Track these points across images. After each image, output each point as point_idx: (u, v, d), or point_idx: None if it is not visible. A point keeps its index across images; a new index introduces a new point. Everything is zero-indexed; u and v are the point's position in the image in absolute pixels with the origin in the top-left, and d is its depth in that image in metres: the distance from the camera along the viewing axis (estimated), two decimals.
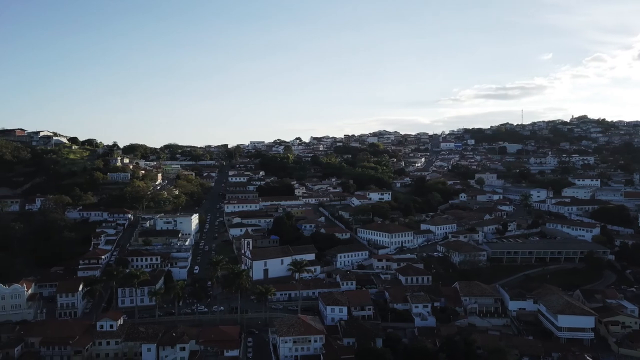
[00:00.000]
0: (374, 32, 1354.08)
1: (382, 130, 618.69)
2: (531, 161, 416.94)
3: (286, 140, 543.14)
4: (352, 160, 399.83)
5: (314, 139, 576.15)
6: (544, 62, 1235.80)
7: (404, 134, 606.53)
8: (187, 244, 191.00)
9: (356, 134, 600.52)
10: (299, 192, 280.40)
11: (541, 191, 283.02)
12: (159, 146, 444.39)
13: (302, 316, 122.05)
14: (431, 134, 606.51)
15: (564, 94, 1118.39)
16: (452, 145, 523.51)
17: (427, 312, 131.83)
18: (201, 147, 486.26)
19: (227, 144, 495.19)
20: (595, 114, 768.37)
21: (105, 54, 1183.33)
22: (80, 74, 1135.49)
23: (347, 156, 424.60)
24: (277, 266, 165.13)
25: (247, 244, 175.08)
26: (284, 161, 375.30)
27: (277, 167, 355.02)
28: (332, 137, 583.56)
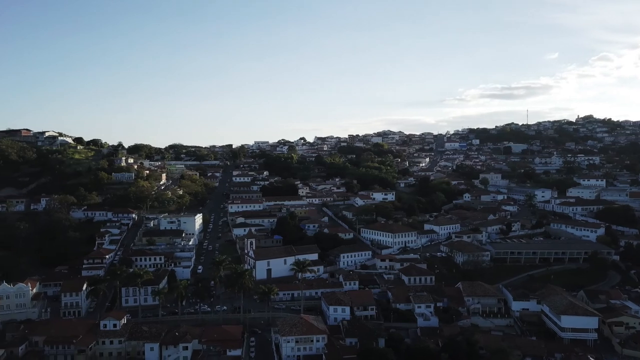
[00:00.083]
0: (379, 32, 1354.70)
1: (387, 130, 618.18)
2: (536, 161, 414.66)
3: (290, 140, 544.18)
4: (356, 160, 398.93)
5: (318, 139, 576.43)
6: (550, 62, 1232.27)
7: (408, 134, 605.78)
8: (190, 243, 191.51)
9: (360, 134, 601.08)
10: (302, 192, 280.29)
11: (546, 191, 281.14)
12: (163, 146, 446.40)
13: (304, 316, 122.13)
14: (436, 133, 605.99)
15: (570, 93, 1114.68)
16: (457, 145, 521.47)
17: (429, 312, 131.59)
18: (206, 147, 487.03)
19: (232, 144, 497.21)
20: (601, 114, 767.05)
21: (110, 54, 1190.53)
22: (86, 75, 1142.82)
23: (351, 156, 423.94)
24: (280, 266, 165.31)
25: (251, 243, 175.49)
26: (288, 161, 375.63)
27: (281, 167, 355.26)
28: (336, 137, 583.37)
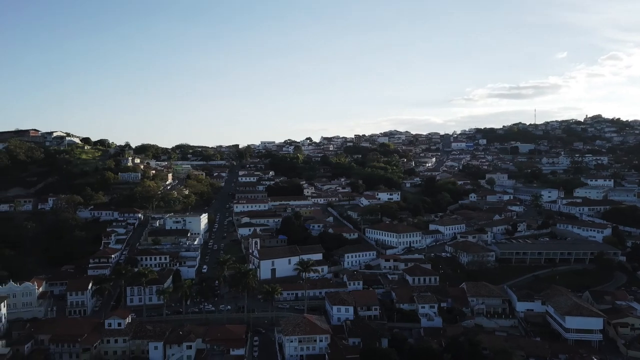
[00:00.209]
0: (387, 32, 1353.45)
1: (393, 130, 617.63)
2: (543, 161, 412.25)
3: (297, 140, 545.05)
4: (362, 160, 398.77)
5: (324, 139, 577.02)
6: (558, 61, 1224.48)
7: (415, 134, 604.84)
8: (195, 243, 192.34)
9: (367, 134, 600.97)
10: (307, 192, 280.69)
11: (552, 191, 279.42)
12: (170, 146, 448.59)
13: (307, 316, 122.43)
14: (442, 133, 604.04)
15: (579, 93, 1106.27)
16: (464, 145, 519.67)
17: (433, 312, 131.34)
18: (212, 147, 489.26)
19: (238, 144, 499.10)
20: (610, 114, 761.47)
21: (118, 55, 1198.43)
22: (94, 75, 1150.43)
23: (357, 156, 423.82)
24: (285, 266, 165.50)
25: (255, 243, 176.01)
26: (294, 161, 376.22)
27: (287, 167, 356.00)
28: (342, 137, 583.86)
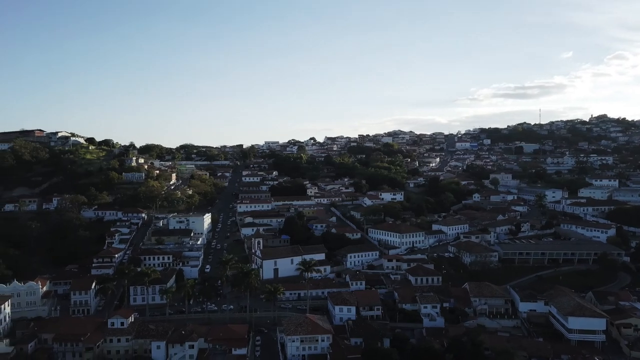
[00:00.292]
0: (391, 32, 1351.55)
1: (397, 130, 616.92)
2: (548, 161, 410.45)
3: (300, 140, 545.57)
4: (365, 160, 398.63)
5: (328, 139, 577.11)
6: (564, 61, 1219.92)
7: (419, 134, 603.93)
8: (199, 243, 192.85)
9: (371, 134, 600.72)
10: (311, 192, 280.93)
11: (556, 191, 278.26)
12: (175, 146, 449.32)
13: (309, 315, 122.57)
14: (447, 133, 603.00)
15: (585, 92, 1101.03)
16: (468, 145, 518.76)
17: (436, 312, 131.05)
18: (216, 148, 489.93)
19: (242, 144, 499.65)
20: (616, 113, 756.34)
21: (123, 55, 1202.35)
22: (100, 76, 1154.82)
23: (360, 156, 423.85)
24: (287, 266, 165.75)
25: (258, 243, 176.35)
26: (297, 161, 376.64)
27: (291, 167, 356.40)
28: (346, 137, 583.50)
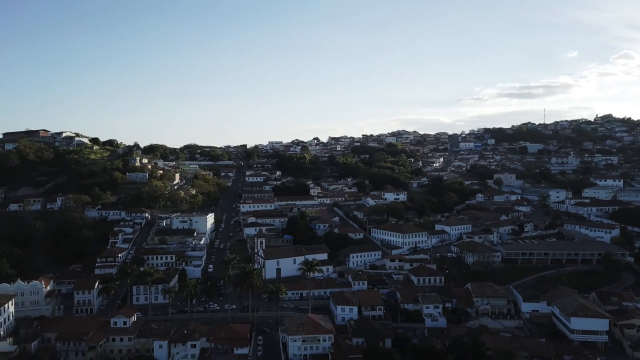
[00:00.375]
0: (395, 32, 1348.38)
1: (401, 130, 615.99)
2: (552, 161, 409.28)
3: (304, 140, 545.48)
4: (369, 160, 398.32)
5: (332, 139, 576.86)
6: (569, 60, 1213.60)
7: (423, 134, 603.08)
8: (202, 242, 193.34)
9: (375, 134, 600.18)
10: (314, 192, 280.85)
11: (560, 192, 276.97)
12: (179, 146, 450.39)
13: (311, 315, 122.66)
14: (451, 133, 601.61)
15: (590, 92, 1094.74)
16: (472, 145, 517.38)
17: (438, 312, 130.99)
18: (220, 148, 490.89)
19: (246, 144, 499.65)
20: (621, 113, 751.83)
21: (128, 56, 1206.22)
22: (105, 76, 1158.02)
23: (364, 156, 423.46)
24: (290, 265, 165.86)
25: (260, 243, 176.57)
26: (301, 161, 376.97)
27: (294, 167, 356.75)
28: (350, 137, 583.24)
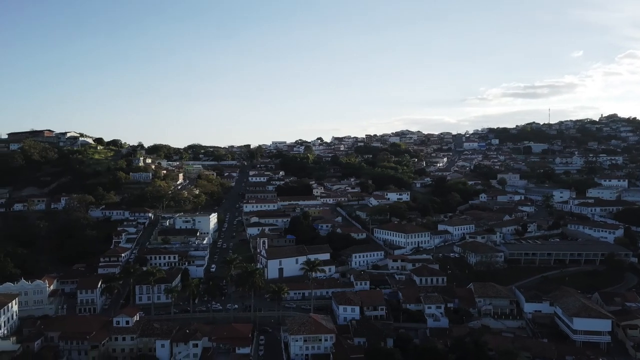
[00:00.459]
0: (400, 32, 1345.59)
1: (405, 130, 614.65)
2: (557, 161, 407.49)
3: (308, 140, 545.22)
4: (372, 160, 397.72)
5: (335, 139, 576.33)
6: (575, 60, 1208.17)
7: (426, 134, 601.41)
8: (205, 242, 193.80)
9: (379, 134, 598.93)
10: (317, 192, 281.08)
11: (564, 192, 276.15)
12: (183, 147, 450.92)
13: (313, 315, 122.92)
14: (455, 133, 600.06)
15: (596, 92, 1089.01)
16: (476, 145, 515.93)
17: (440, 313, 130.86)
18: (224, 148, 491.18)
19: (250, 144, 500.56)
20: (627, 113, 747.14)
21: (133, 56, 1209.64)
22: (110, 76, 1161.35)
23: (367, 156, 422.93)
24: (292, 265, 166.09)
25: (263, 243, 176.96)
26: (304, 161, 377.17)
27: (297, 167, 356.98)
28: (353, 137, 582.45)
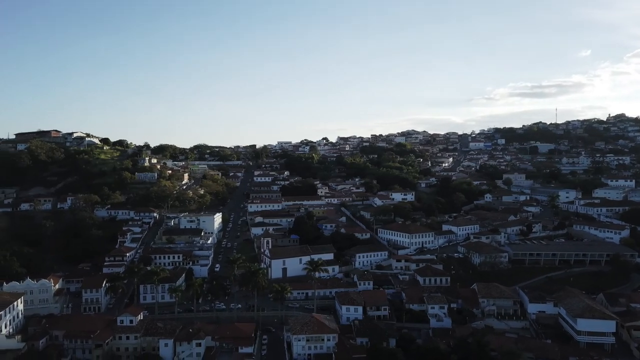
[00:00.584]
0: (407, 32, 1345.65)
1: (411, 129, 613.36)
2: (563, 161, 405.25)
3: (313, 140, 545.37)
4: (377, 160, 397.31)
5: (341, 139, 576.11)
6: (582, 59, 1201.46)
7: (432, 134, 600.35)
8: (209, 242, 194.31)
9: (385, 134, 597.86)
10: (321, 192, 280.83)
11: (570, 192, 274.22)
12: (188, 147, 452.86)
13: (316, 315, 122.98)
14: (461, 133, 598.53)
15: (604, 91, 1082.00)
16: (482, 145, 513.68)
17: (443, 313, 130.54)
18: (229, 148, 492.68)
19: (255, 145, 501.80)
20: (635, 112, 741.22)
21: (138, 54, 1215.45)
22: (115, 77, 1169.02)
23: (372, 156, 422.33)
24: (296, 265, 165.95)
25: (267, 242, 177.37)
26: (309, 161, 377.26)
27: (302, 167, 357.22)
28: (359, 137, 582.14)
